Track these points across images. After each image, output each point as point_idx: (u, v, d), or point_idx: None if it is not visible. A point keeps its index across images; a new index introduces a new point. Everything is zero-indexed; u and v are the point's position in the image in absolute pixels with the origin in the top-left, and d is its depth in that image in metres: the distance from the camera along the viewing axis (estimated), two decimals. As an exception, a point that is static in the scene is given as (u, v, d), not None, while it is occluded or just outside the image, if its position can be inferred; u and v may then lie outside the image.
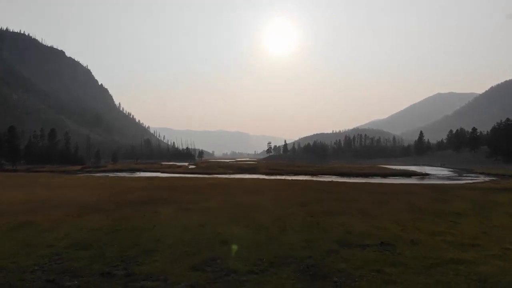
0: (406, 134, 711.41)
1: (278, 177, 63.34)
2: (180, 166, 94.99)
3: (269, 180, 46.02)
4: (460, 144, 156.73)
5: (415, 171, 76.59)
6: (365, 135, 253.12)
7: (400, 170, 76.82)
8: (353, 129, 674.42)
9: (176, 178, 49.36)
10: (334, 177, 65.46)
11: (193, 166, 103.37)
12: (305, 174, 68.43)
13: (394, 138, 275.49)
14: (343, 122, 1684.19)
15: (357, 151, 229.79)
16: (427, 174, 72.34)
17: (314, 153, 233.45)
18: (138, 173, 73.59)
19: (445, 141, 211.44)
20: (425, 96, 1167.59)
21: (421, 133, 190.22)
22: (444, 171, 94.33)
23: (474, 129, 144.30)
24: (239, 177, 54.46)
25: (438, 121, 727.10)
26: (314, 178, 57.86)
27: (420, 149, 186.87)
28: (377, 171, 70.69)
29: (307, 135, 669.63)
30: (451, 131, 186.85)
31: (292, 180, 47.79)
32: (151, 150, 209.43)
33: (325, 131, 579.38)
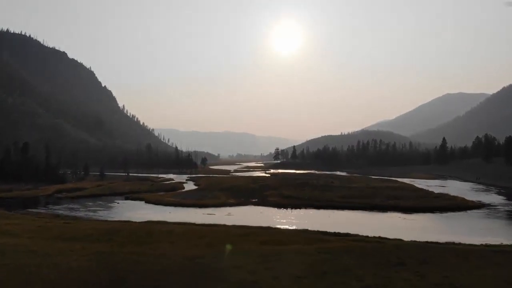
0: (417, 136, 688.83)
1: (295, 214, 48.39)
2: (174, 188, 79.83)
3: (288, 261, 30.63)
4: (491, 153, 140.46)
5: (465, 199, 60.90)
6: (380, 140, 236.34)
7: (446, 199, 61.03)
8: (362, 131, 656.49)
9: (150, 228, 34.50)
10: (367, 212, 50.42)
11: (192, 186, 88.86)
12: (328, 206, 53.35)
13: (410, 143, 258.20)
14: (350, 122, 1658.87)
15: (372, 158, 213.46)
16: (483, 205, 56.85)
17: (324, 160, 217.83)
18: (116, 202, 59.10)
19: (469, 147, 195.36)
20: (434, 96, 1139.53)
21: (444, 140, 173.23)
22: (492, 194, 78.25)
23: (510, 138, 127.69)
24: (240, 222, 39.36)
25: (449, 123, 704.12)
26: (346, 215, 42.85)
27: (443, 157, 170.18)
28: (419, 204, 55.31)
29: (315, 137, 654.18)
30: (477, 137, 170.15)
31: (321, 246, 32.86)
32: (150, 158, 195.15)
33: (333, 133, 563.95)
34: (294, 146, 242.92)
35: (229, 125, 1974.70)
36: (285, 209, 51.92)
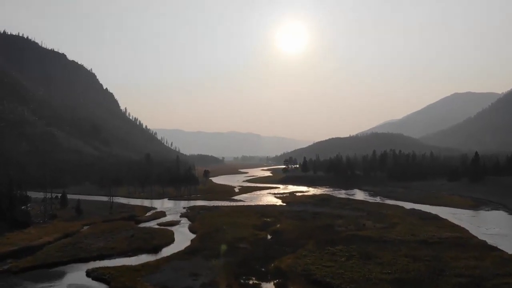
0: (427, 138, 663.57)
1: None
2: (158, 245, 60.09)
3: None
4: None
5: None
6: (400, 151, 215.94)
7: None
8: (371, 134, 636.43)
9: None
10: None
11: (185, 235, 69.94)
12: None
13: (431, 153, 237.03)
14: (356, 121, 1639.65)
15: (391, 170, 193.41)
16: None
17: (338, 173, 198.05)
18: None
19: (491, 155, 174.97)
20: (442, 96, 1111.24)
21: (476, 154, 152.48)
22: None
23: None
24: None
25: (460, 124, 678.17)
26: None
27: (476, 174, 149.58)
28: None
29: (322, 138, 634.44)
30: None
31: None
32: (146, 175, 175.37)
33: (340, 132, 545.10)
34: (304, 158, 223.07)
35: (234, 125, 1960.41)
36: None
